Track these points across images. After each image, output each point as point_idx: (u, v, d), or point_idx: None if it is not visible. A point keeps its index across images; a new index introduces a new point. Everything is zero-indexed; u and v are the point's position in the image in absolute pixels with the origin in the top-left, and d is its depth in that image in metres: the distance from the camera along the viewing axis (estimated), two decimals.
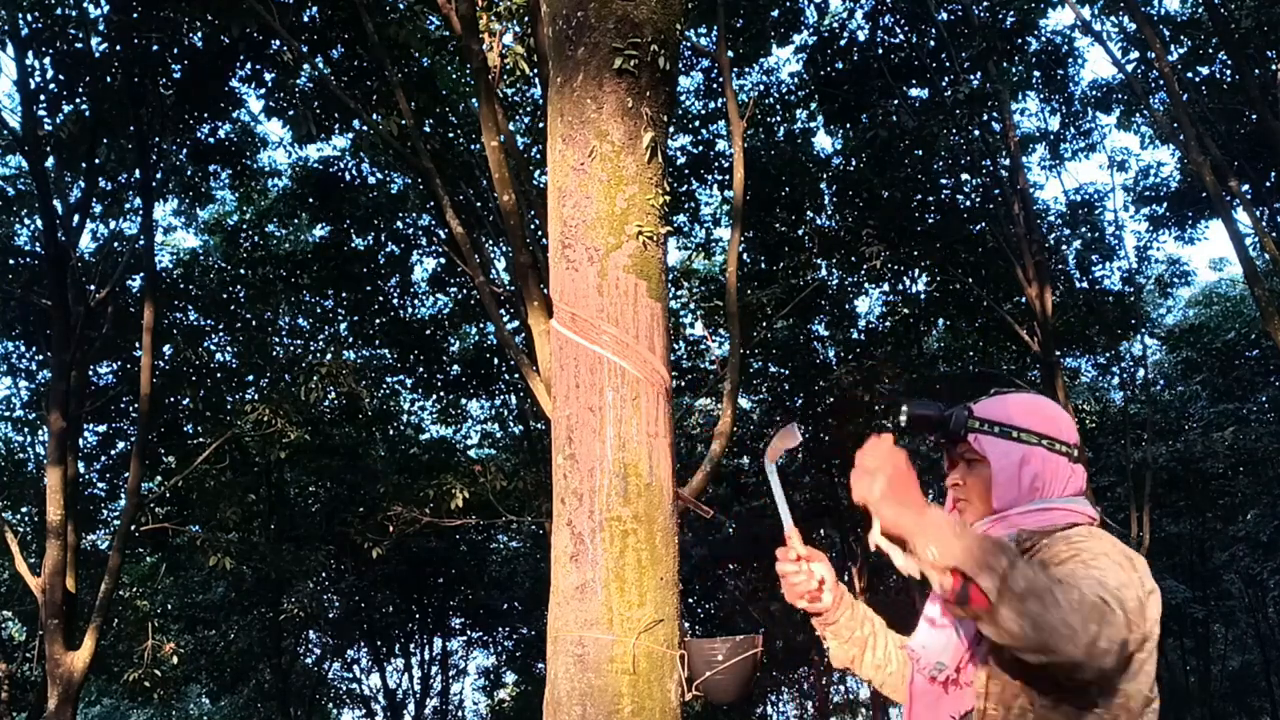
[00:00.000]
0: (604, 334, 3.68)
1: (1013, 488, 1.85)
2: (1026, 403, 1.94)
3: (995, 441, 1.88)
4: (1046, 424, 1.90)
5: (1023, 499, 1.85)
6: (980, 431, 1.89)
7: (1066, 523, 1.82)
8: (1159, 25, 13.50)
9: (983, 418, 1.90)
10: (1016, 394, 1.96)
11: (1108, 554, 1.67)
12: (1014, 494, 1.85)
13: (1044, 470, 1.86)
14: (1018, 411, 1.91)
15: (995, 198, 13.88)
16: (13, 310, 13.49)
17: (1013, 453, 1.86)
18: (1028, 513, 1.84)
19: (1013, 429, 1.88)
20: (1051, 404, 1.96)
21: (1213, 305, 21.35)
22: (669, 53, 3.93)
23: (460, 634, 25.08)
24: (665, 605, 3.58)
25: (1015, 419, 1.89)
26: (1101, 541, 1.71)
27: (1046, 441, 1.87)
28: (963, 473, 1.93)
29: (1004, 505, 1.85)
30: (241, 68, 11.77)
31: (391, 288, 16.00)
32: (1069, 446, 1.91)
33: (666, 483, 3.71)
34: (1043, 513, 1.84)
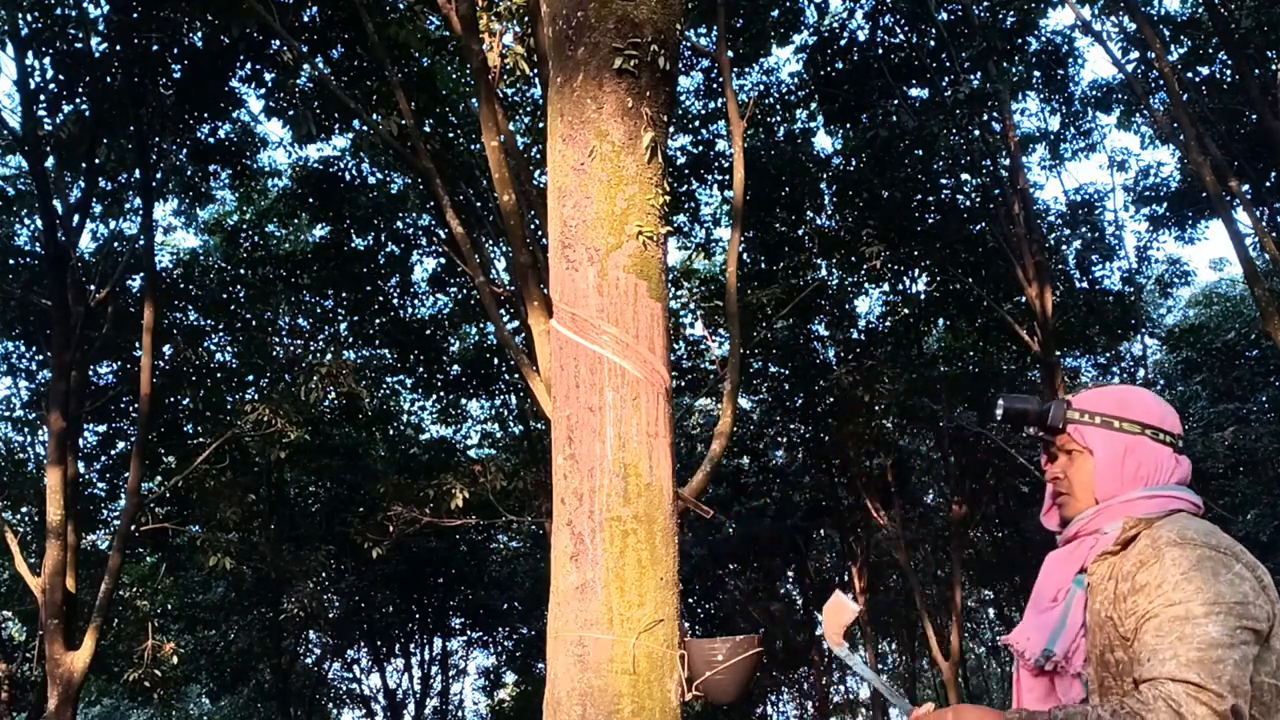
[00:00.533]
0: (604, 334, 3.68)
1: (1116, 477, 1.87)
2: (1128, 394, 1.96)
3: (1097, 432, 1.90)
4: (1148, 414, 1.92)
5: (1126, 487, 1.87)
6: (1081, 423, 1.92)
7: (1170, 509, 1.83)
8: (1159, 25, 13.50)
9: (1083, 409, 1.93)
10: (1116, 386, 1.99)
11: (1197, 565, 1.65)
12: (1117, 483, 1.87)
13: (1147, 459, 1.88)
14: (1119, 402, 1.93)
15: (995, 198, 13.88)
16: (13, 310, 13.49)
17: (1115, 443, 1.89)
18: (1132, 500, 1.85)
19: (1115, 419, 1.90)
20: (1152, 396, 1.97)
21: (1213, 305, 21.36)
22: (669, 53, 3.93)
23: (460, 634, 25.07)
24: (665, 605, 3.58)
25: (1117, 410, 1.92)
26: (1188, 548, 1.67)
27: (1150, 431, 1.90)
28: (1063, 465, 1.96)
29: (1108, 495, 1.88)
30: (241, 68, 11.77)
31: (391, 288, 16.00)
32: (1173, 437, 1.93)
33: (666, 483, 3.71)
34: (1149, 500, 1.85)
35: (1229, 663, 1.57)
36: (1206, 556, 1.66)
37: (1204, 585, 1.62)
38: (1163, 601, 1.64)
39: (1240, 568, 1.66)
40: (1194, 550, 1.67)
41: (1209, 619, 1.60)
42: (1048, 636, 1.84)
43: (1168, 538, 1.71)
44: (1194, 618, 1.60)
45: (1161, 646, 1.61)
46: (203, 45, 11.55)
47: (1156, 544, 1.72)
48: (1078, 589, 1.85)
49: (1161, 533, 1.74)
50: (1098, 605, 1.78)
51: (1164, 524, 1.77)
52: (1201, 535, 1.70)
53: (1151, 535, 1.75)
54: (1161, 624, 1.63)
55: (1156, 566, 1.68)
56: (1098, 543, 1.85)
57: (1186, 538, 1.70)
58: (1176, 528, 1.74)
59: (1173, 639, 1.61)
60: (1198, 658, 1.58)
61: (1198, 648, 1.58)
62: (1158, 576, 1.67)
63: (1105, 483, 1.88)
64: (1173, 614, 1.62)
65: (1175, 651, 1.59)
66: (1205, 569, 1.65)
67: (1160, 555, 1.69)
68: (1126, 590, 1.72)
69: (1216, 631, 1.59)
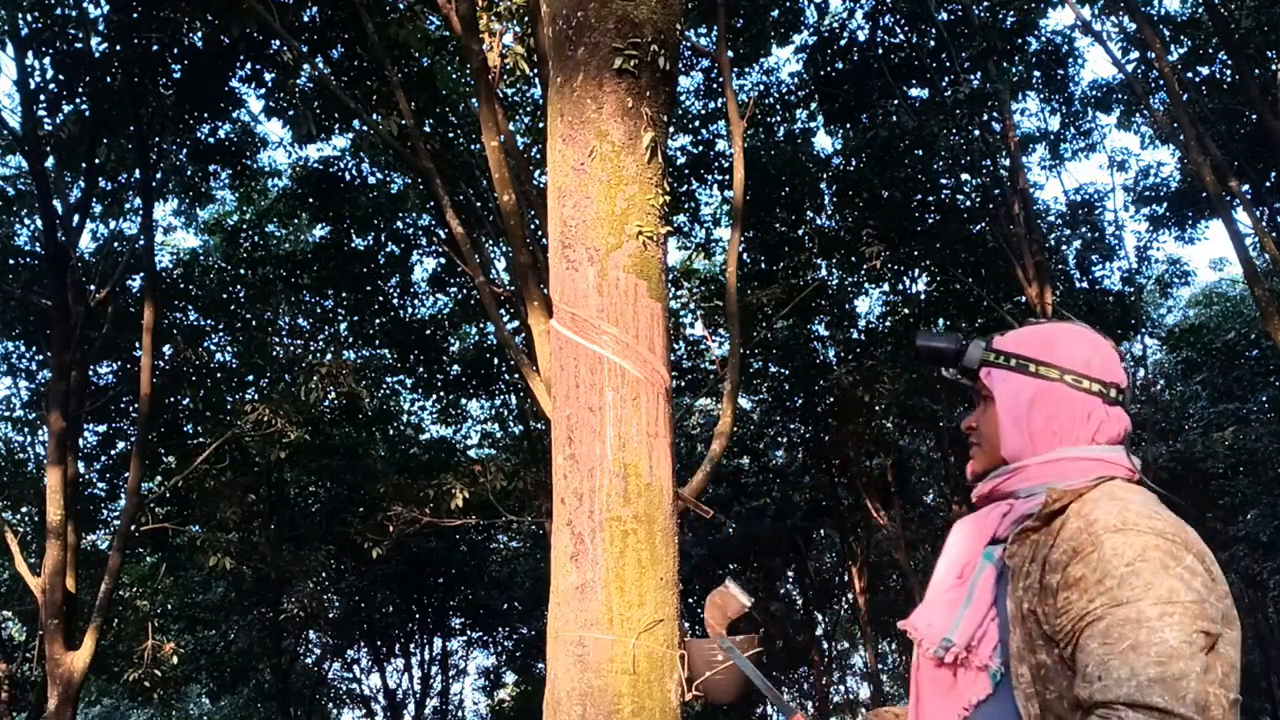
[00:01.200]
0: (604, 334, 3.68)
1: (1020, 431, 1.58)
2: (1055, 332, 1.63)
3: (1006, 377, 1.60)
4: (1073, 357, 1.59)
5: (1037, 446, 1.57)
6: (994, 365, 1.62)
7: (1096, 476, 1.53)
8: (1159, 25, 13.50)
9: (1000, 349, 1.63)
10: (1049, 324, 1.66)
11: (1143, 555, 1.38)
12: (1022, 440, 1.58)
13: (1061, 411, 1.56)
14: (1044, 342, 1.61)
15: (995, 198, 13.89)
16: (13, 310, 13.49)
17: (1023, 390, 1.58)
18: (1054, 462, 1.55)
19: (1032, 361, 1.59)
20: (1088, 334, 1.64)
21: (1213, 305, 21.36)
22: (669, 53, 3.93)
23: (460, 634, 25.06)
24: (665, 605, 3.58)
25: (1038, 351, 1.60)
26: (1130, 534, 1.40)
27: (1071, 377, 1.57)
28: (978, 414, 1.67)
29: (1013, 453, 1.58)
30: (241, 68, 11.77)
31: (391, 288, 16.00)
32: (1103, 385, 1.59)
33: (666, 483, 3.71)
34: (1073, 463, 1.55)
35: (1191, 676, 1.32)
36: (1154, 545, 1.39)
37: (1153, 580, 1.36)
38: (1106, 601, 1.37)
39: (1192, 559, 1.40)
40: (1138, 537, 1.39)
41: (1163, 622, 1.34)
42: (950, 622, 1.56)
43: (1106, 521, 1.42)
44: (1146, 621, 1.34)
45: (1112, 659, 1.34)
46: (203, 45, 11.55)
47: (1092, 529, 1.42)
48: (986, 563, 1.57)
49: (1097, 513, 1.44)
50: (1020, 594, 1.49)
51: (1097, 498, 1.47)
52: (1145, 518, 1.42)
53: (1084, 515, 1.45)
54: (1108, 629, 1.36)
55: (1094, 557, 1.39)
56: (1011, 510, 1.56)
57: (1128, 521, 1.41)
58: (1115, 507, 1.44)
59: (1124, 649, 1.34)
60: (1158, 674, 1.32)
61: (1156, 661, 1.32)
62: (1097, 570, 1.39)
63: (1007, 437, 1.58)
64: (1121, 616, 1.36)
65: (1132, 667, 1.33)
66: (1153, 560, 1.37)
67: (1099, 543, 1.40)
68: (1057, 583, 1.43)
69: (1174, 638, 1.33)
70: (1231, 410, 19.25)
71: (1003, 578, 1.54)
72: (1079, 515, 1.46)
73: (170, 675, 13.42)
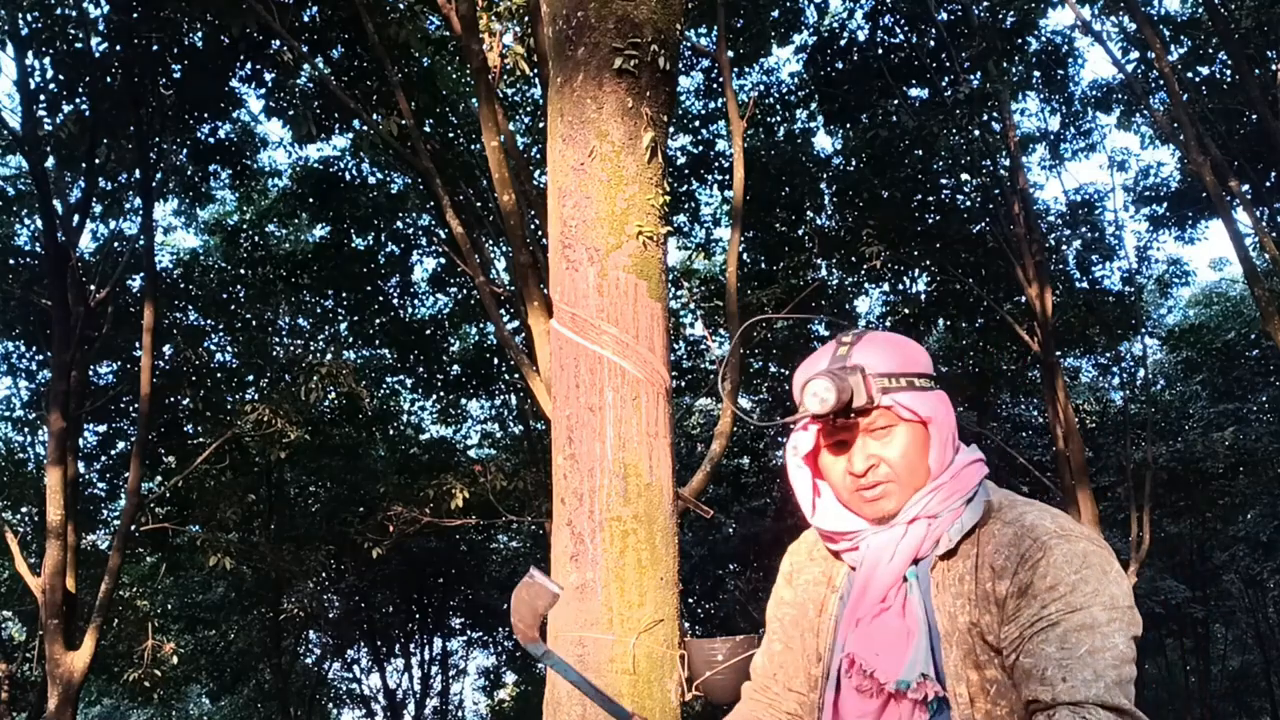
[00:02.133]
0: (604, 334, 3.68)
1: (949, 445, 1.53)
2: (892, 339, 1.58)
3: (919, 396, 1.51)
4: (921, 358, 1.56)
5: (950, 457, 1.53)
6: (895, 390, 1.50)
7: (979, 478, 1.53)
8: (1159, 25, 13.49)
9: (886, 372, 1.51)
10: (871, 332, 1.59)
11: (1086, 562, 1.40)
12: (949, 453, 1.53)
13: (949, 415, 1.54)
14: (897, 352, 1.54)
15: (995, 198, 13.88)
16: (13, 310, 13.49)
17: (939, 403, 1.53)
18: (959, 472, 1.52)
19: (916, 376, 1.53)
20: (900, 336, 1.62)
21: (1213, 305, 21.35)
22: (669, 53, 3.93)
23: (460, 634, 25.07)
24: (665, 605, 3.58)
25: (904, 363, 1.53)
26: (1073, 541, 1.42)
27: (934, 382, 1.55)
28: (874, 449, 1.51)
29: (940, 470, 1.52)
30: (241, 68, 11.77)
31: (391, 288, 16.00)
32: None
33: (666, 483, 3.71)
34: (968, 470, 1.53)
35: (1132, 682, 1.38)
36: (1092, 550, 1.41)
37: (1099, 587, 1.39)
38: (1062, 607, 1.38)
39: (1115, 561, 1.44)
40: (1078, 543, 1.41)
41: (1112, 628, 1.38)
42: (905, 659, 1.48)
43: (1046, 527, 1.42)
44: (1098, 626, 1.37)
45: (1072, 662, 1.36)
46: (203, 45, 11.55)
47: (1035, 534, 1.42)
48: (913, 583, 1.51)
49: (1030, 519, 1.44)
50: (953, 608, 1.46)
51: (1014, 504, 1.49)
52: (1072, 523, 1.45)
53: (1018, 521, 1.45)
54: (1065, 634, 1.37)
55: (1044, 563, 1.40)
56: (932, 527, 1.50)
57: (1065, 528, 1.43)
58: (1044, 513, 1.46)
59: (1083, 653, 1.36)
60: (1117, 678, 1.35)
61: (1113, 665, 1.36)
62: (1048, 576, 1.39)
63: (941, 456, 1.51)
64: (1077, 622, 1.37)
65: (1095, 669, 1.35)
66: (1094, 567, 1.40)
67: (1047, 550, 1.40)
68: (1006, 591, 1.41)
69: (1122, 644, 1.37)
70: (1231, 410, 19.25)
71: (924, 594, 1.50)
72: (1008, 521, 1.46)
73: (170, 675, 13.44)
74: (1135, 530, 13.43)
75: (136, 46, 11.12)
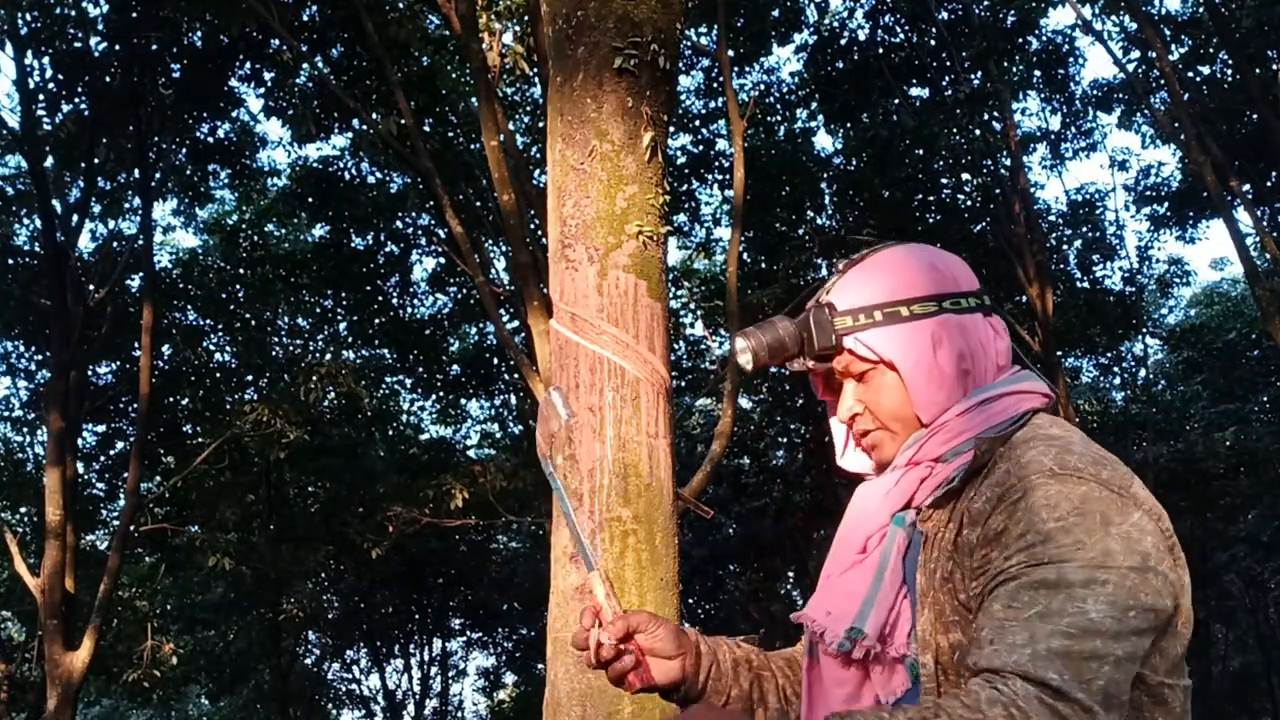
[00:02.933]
0: (604, 334, 3.67)
1: (940, 384, 1.28)
2: (893, 259, 1.35)
3: (888, 332, 1.29)
4: (939, 278, 1.33)
5: (957, 393, 1.28)
6: (860, 328, 1.30)
7: (1022, 411, 1.28)
8: (1160, 25, 13.48)
9: (854, 307, 1.31)
10: (875, 253, 1.37)
11: (1081, 507, 1.13)
12: (944, 391, 1.28)
13: (967, 343, 1.30)
14: (892, 276, 1.32)
15: (996, 197, 13.88)
16: (12, 310, 13.48)
17: (917, 338, 1.28)
18: (970, 410, 1.28)
19: (901, 304, 1.30)
20: (923, 246, 1.39)
21: (1214, 305, 21.35)
22: (669, 52, 3.91)
23: (460, 634, 25.06)
24: (665, 606, 3.56)
25: (902, 289, 1.31)
26: (1069, 481, 1.14)
27: (950, 301, 1.31)
28: (860, 394, 1.33)
29: (936, 412, 1.28)
30: (241, 67, 11.77)
31: (391, 288, 15.99)
32: (976, 295, 1.34)
33: (666, 483, 3.70)
34: (991, 405, 1.28)
35: (1109, 660, 1.08)
36: (1095, 495, 1.14)
37: (1087, 538, 1.11)
38: (1026, 558, 1.12)
39: (1141, 515, 1.14)
40: (1078, 485, 1.14)
41: (1088, 590, 1.09)
42: (855, 607, 1.26)
43: (1040, 464, 1.16)
44: (1068, 585, 1.09)
45: (1012, 623, 1.10)
46: (202, 45, 11.55)
47: (1024, 472, 1.17)
48: (897, 530, 1.29)
49: (1030, 454, 1.19)
50: (933, 563, 1.23)
51: (1030, 438, 1.23)
52: (1090, 462, 1.16)
53: (1015, 459, 1.20)
54: (1017, 590, 1.11)
55: (1021, 505, 1.15)
56: (933, 472, 1.28)
57: (1068, 464, 1.16)
58: (1054, 448, 1.18)
59: (1032, 614, 1.09)
60: (1063, 647, 1.07)
61: (1065, 633, 1.08)
62: (1021, 522, 1.14)
63: (925, 398, 1.28)
64: (1038, 577, 1.11)
65: (1032, 633, 1.09)
66: (1092, 515, 1.12)
67: (1028, 490, 1.15)
68: (976, 539, 1.18)
69: (1099, 611, 1.08)
70: (1232, 410, 19.24)
71: (913, 547, 1.27)
72: (1009, 459, 1.21)
73: (170, 676, 13.43)
74: None
75: (136, 46, 11.11)
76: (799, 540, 19.70)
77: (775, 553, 20.08)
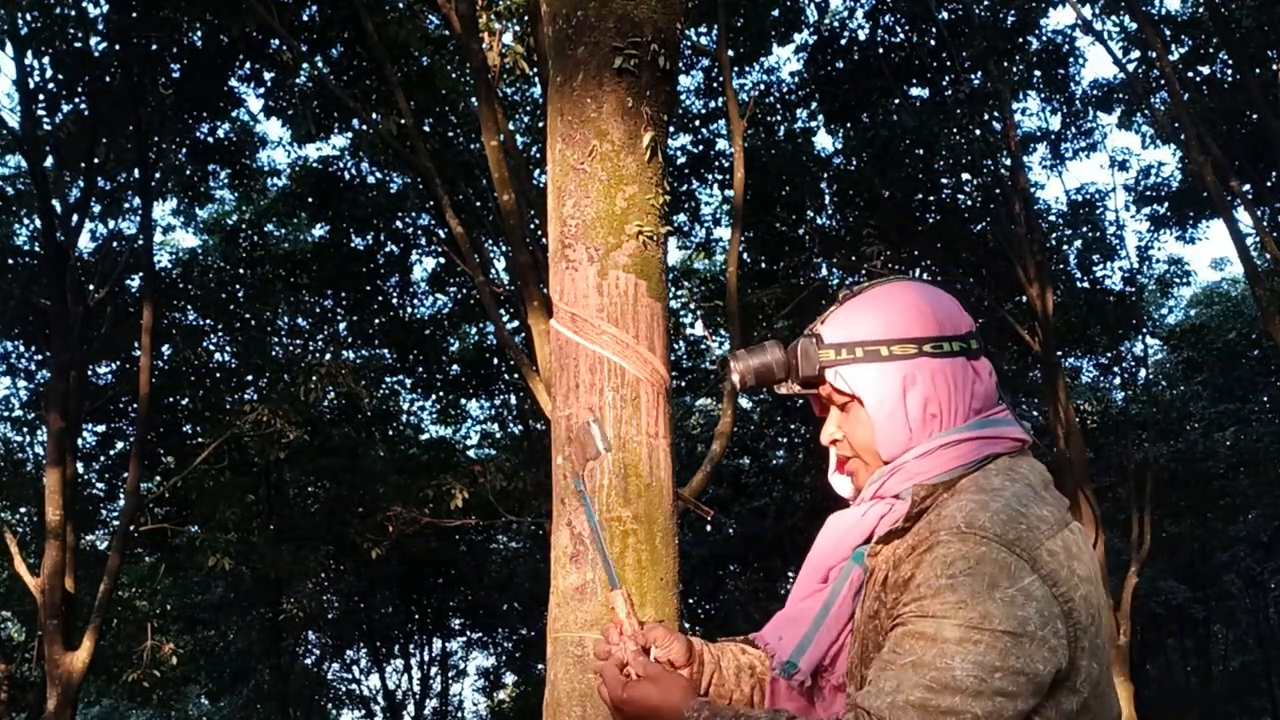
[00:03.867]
0: (604, 334, 3.67)
1: (902, 426, 1.33)
2: (887, 297, 1.39)
3: (863, 370, 1.35)
4: (922, 320, 1.36)
5: (921, 435, 1.33)
6: (840, 362, 1.36)
7: (983, 457, 1.32)
8: (1160, 25, 13.48)
9: (838, 342, 1.37)
10: (873, 289, 1.41)
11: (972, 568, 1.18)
12: (904, 434, 1.33)
13: (936, 389, 1.33)
14: (880, 314, 1.37)
15: (996, 197, 13.87)
16: (12, 310, 13.48)
17: (888, 380, 1.33)
18: (931, 453, 1.32)
19: (881, 344, 1.34)
20: (920, 288, 1.41)
21: (1214, 305, 21.36)
22: (669, 52, 3.91)
23: (460, 634, 25.07)
24: (665, 606, 3.56)
25: (881, 329, 1.35)
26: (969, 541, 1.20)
27: (931, 346, 1.34)
28: (839, 422, 1.41)
29: (897, 451, 1.34)
30: (241, 67, 11.77)
31: (391, 288, 15.99)
32: (962, 340, 1.36)
33: (666, 483, 3.69)
34: (947, 450, 1.32)
35: (965, 717, 1.15)
36: (990, 558, 1.18)
37: (969, 599, 1.17)
38: (915, 609, 1.20)
39: (1033, 580, 1.19)
40: (977, 546, 1.19)
41: (961, 649, 1.16)
42: (797, 639, 1.36)
43: (954, 520, 1.22)
44: (942, 641, 1.17)
45: (888, 669, 1.20)
46: (202, 45, 11.55)
47: (938, 525, 1.23)
48: (854, 566, 1.37)
49: (951, 509, 1.24)
50: (869, 599, 1.32)
51: (964, 490, 1.28)
52: (1001, 521, 1.21)
53: (940, 510, 1.26)
54: (903, 637, 1.20)
55: (927, 558, 1.22)
56: (892, 509, 1.34)
57: (976, 523, 1.21)
58: (975, 503, 1.23)
59: (906, 662, 1.18)
60: (920, 700, 1.16)
61: (929, 687, 1.16)
62: (924, 573, 1.21)
63: (886, 437, 1.34)
64: (918, 629, 1.19)
65: (900, 681, 1.17)
66: (980, 576, 1.17)
67: (935, 544, 1.22)
68: (895, 581, 1.26)
69: (963, 670, 1.15)
70: (1233, 410, 19.24)
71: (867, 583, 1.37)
72: (938, 508, 1.28)
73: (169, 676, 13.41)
74: (1136, 530, 13.43)
75: (136, 46, 11.12)
76: (799, 540, 19.70)
77: (775, 553, 20.08)
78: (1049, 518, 1.25)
